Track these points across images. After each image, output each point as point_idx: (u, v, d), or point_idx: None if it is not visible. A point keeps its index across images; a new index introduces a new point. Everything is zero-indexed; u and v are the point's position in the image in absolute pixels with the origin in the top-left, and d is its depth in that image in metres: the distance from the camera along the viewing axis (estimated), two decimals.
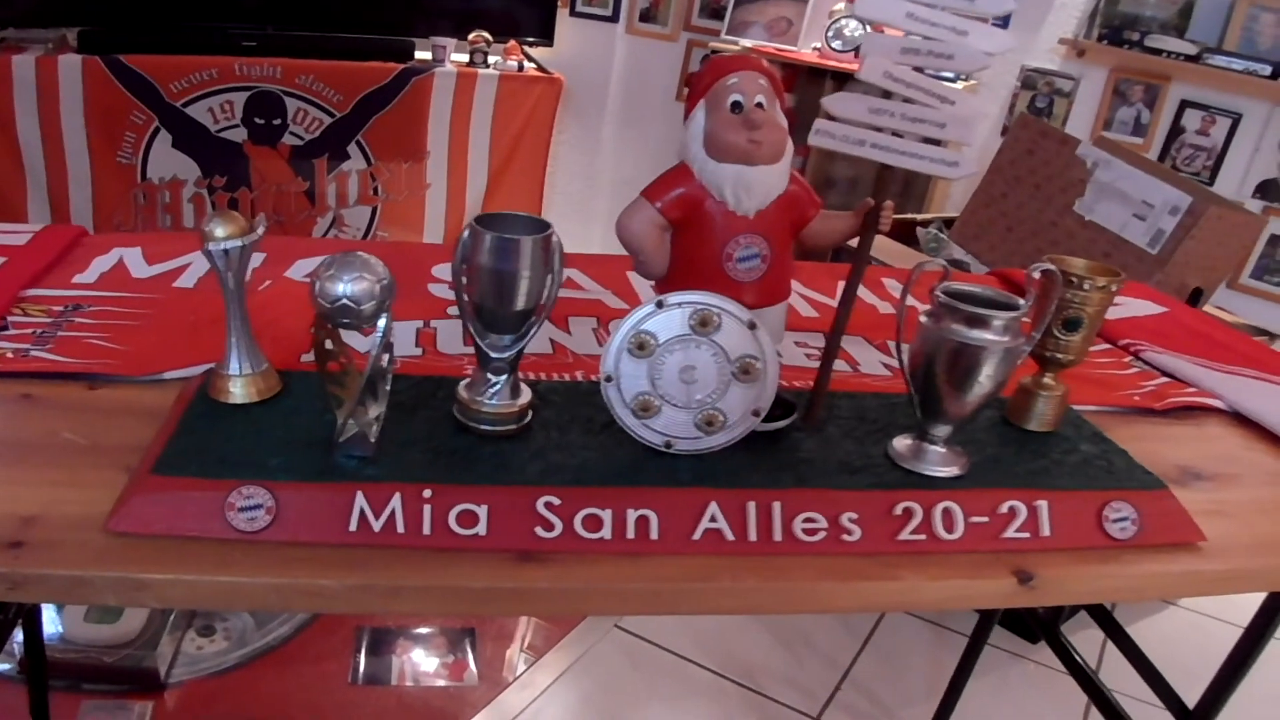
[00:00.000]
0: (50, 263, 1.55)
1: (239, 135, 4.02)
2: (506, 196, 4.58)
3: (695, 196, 1.12)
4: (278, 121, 4.07)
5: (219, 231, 1.05)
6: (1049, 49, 4.09)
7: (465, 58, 4.33)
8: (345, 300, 0.97)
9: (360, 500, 1.00)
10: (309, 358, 1.33)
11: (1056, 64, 4.11)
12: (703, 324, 1.08)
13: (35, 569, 0.93)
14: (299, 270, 1.64)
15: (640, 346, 1.09)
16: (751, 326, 1.10)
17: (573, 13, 4.75)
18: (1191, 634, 3.01)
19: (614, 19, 4.76)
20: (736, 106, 1.10)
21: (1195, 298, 2.76)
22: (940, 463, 1.18)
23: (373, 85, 4.13)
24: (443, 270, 1.71)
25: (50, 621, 2.41)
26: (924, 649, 2.87)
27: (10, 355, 1.26)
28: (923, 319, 1.16)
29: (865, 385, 1.44)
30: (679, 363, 1.10)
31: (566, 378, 1.35)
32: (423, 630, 2.71)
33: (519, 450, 1.11)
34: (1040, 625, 2.17)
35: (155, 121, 3.87)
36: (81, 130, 3.76)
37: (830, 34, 4.21)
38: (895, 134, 1.14)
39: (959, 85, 3.58)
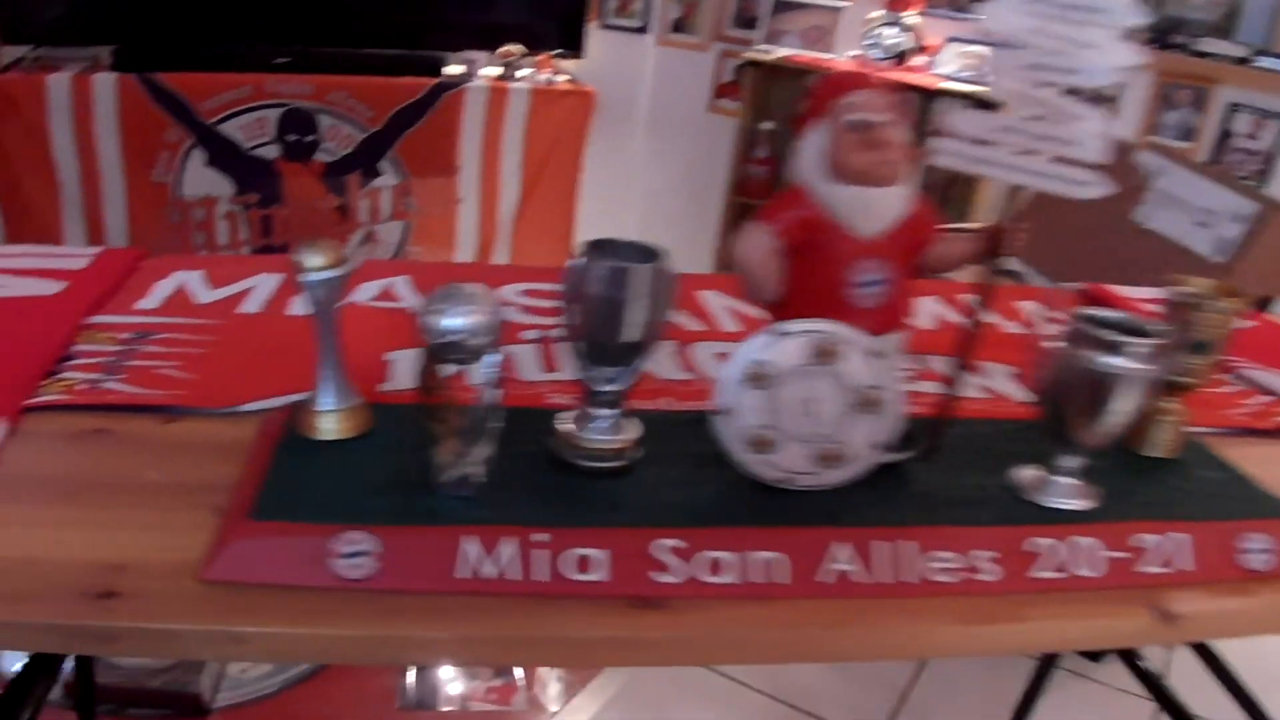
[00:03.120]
0: (111, 288, 1.50)
1: (272, 152, 3.95)
2: (539, 211, 4.50)
3: (813, 219, 1.06)
4: (310, 138, 4.00)
5: (313, 262, 0.99)
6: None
7: (497, 71, 4.27)
8: (453, 336, 0.91)
9: (469, 544, 0.94)
10: (388, 387, 1.27)
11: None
12: (824, 354, 1.02)
13: (130, 622, 0.88)
14: (364, 293, 1.58)
15: (758, 379, 1.02)
16: (875, 356, 1.03)
17: (603, 25, 4.69)
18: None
19: (644, 30, 4.69)
20: (857, 125, 1.04)
21: (1263, 306, 2.68)
22: (1070, 495, 1.12)
23: (404, 100, 4.06)
24: (509, 292, 1.65)
25: None
26: (982, 671, 2.79)
27: (82, 387, 1.20)
28: (1054, 343, 1.10)
29: (973, 409, 1.37)
30: (798, 395, 1.03)
31: (652, 406, 1.29)
32: None
33: (630, 488, 1.05)
34: None
35: (189, 139, 3.80)
36: (116, 149, 3.70)
37: (867, 42, 4.14)
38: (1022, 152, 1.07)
39: None
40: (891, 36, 4.10)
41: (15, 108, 3.50)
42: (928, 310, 1.75)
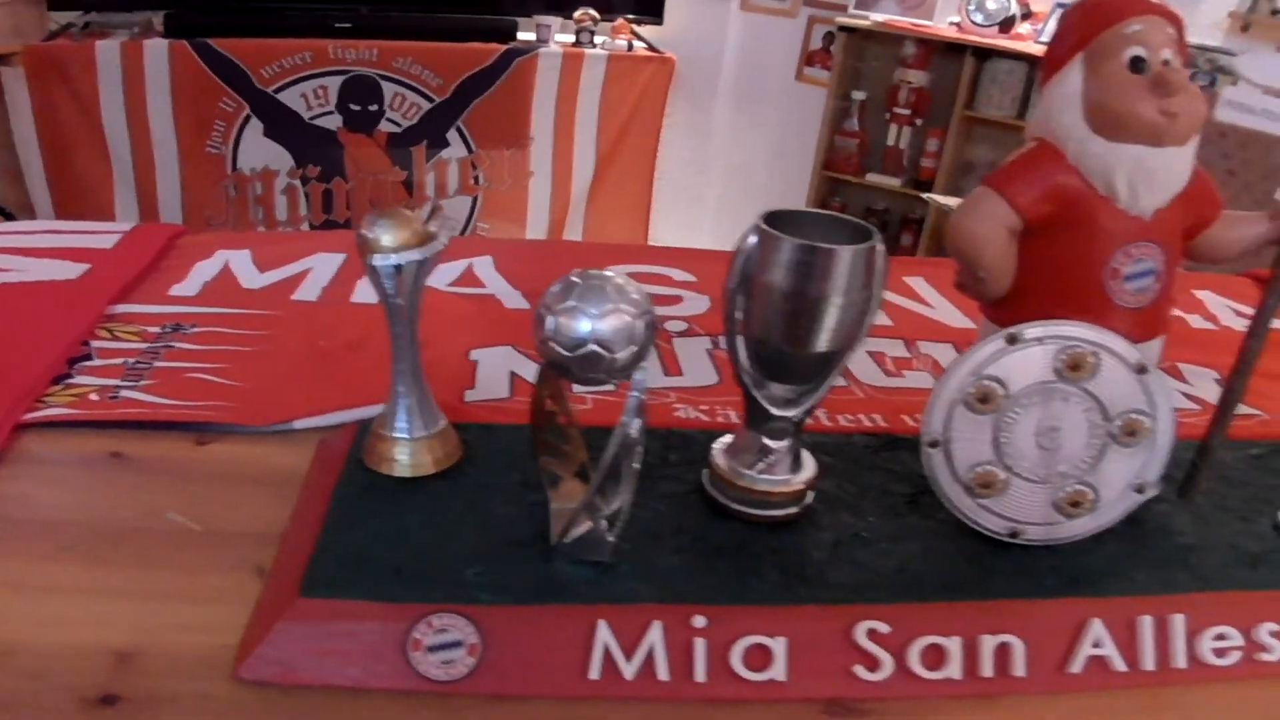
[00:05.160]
0: (143, 270, 1.25)
1: (333, 122, 3.75)
2: (615, 186, 4.26)
3: (1070, 188, 0.80)
4: (374, 107, 3.79)
5: (387, 239, 0.73)
6: (1212, 23, 3.69)
7: (571, 38, 4.02)
8: (595, 346, 0.64)
9: (604, 632, 0.68)
10: (475, 397, 1.01)
11: (1219, 39, 3.70)
12: (1074, 367, 0.75)
13: None
14: (442, 277, 1.33)
15: (984, 399, 0.76)
16: (1141, 371, 0.76)
17: None
18: None
19: None
20: (1138, 64, 0.77)
21: None
22: None
23: (473, 68, 3.83)
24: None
25: None
26: None
27: (95, 397, 0.96)
28: None
29: (1196, 431, 1.09)
30: (1037, 421, 0.77)
31: (819, 424, 1.02)
32: None
33: (810, 546, 0.79)
34: None
35: (246, 109, 3.61)
36: (169, 119, 3.51)
37: (971, 6, 3.83)
38: None
39: None
40: (996, 1, 3.78)
41: (64, 76, 3.32)
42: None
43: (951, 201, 3.53)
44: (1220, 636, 0.77)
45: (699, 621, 0.70)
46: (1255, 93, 0.81)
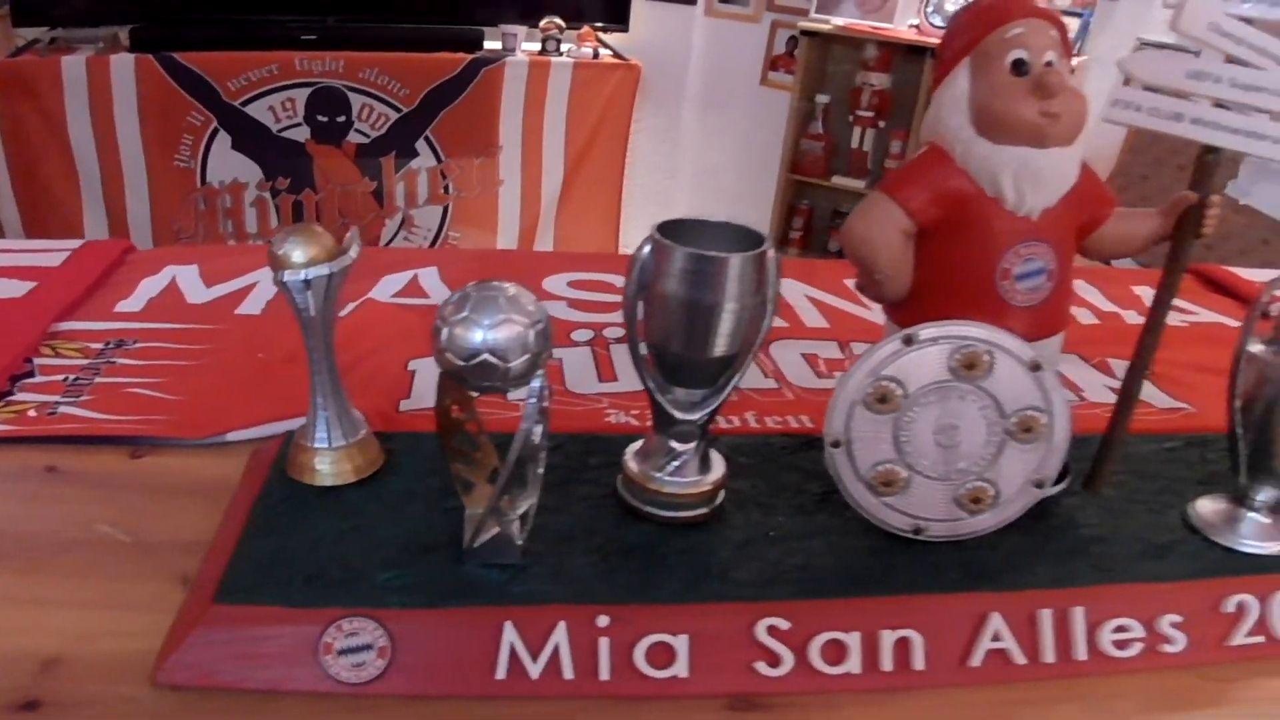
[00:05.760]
0: (90, 286, 1.27)
1: (301, 134, 3.75)
2: (585, 191, 4.28)
3: (959, 191, 0.81)
4: (341, 119, 3.80)
5: (297, 255, 0.75)
6: (1165, 20, 3.73)
7: (537, 46, 4.03)
8: (488, 355, 0.66)
9: (510, 633, 0.71)
10: (410, 406, 1.04)
11: (1174, 37, 3.74)
12: (969, 366, 0.78)
13: None
14: (387, 289, 1.35)
15: (882, 399, 0.78)
16: (1035, 368, 0.79)
17: None
18: None
19: (692, 1, 4.43)
20: (1020, 66, 0.79)
21: None
22: (1267, 536, 0.88)
23: (440, 77, 3.85)
24: (555, 284, 1.41)
25: None
26: None
27: (33, 414, 0.98)
28: (1257, 349, 0.85)
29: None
30: (935, 420, 0.79)
31: (735, 420, 1.05)
32: None
33: (718, 545, 0.81)
34: None
35: (214, 122, 3.61)
36: (136, 133, 3.51)
37: (930, 8, 3.87)
38: (1220, 104, 0.81)
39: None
40: (954, 3, 3.82)
41: (30, 92, 3.32)
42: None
43: None
44: (1121, 628, 0.80)
45: (603, 621, 0.72)
46: (1144, 92, 0.83)
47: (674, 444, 0.81)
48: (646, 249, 0.75)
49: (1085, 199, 0.85)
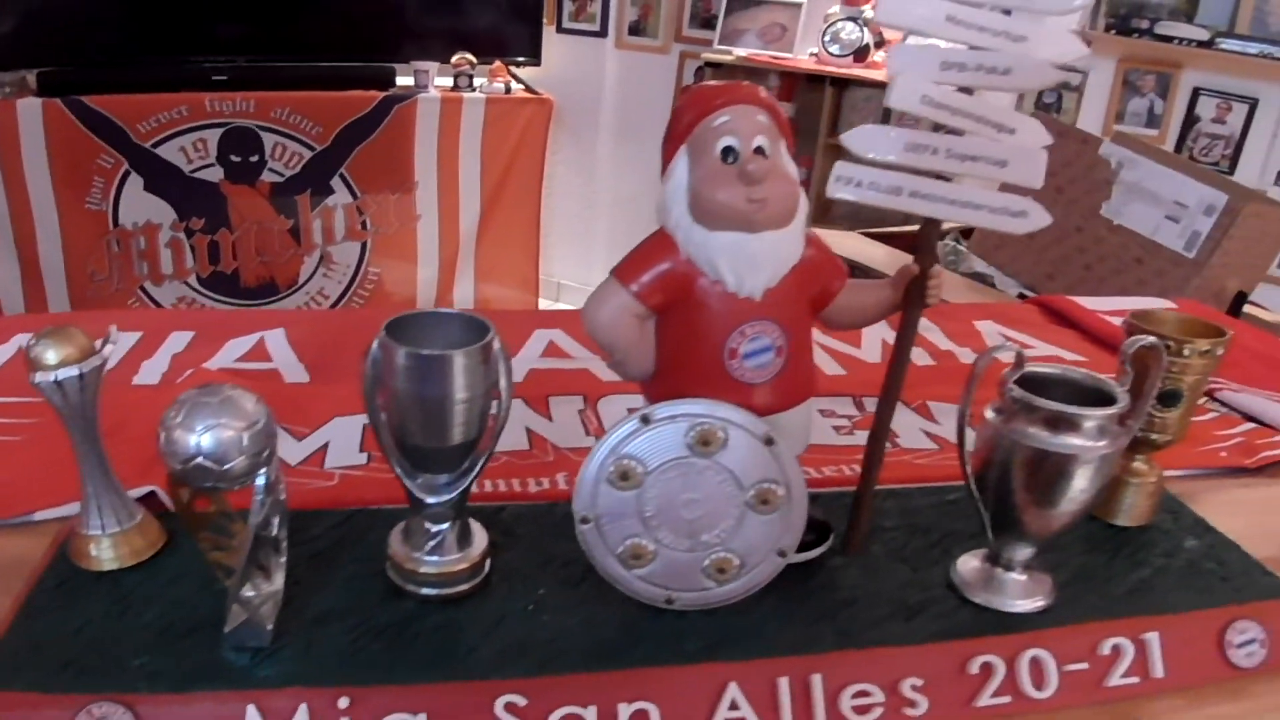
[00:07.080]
0: None
1: (215, 174, 3.78)
2: (503, 223, 4.34)
3: (682, 275, 0.85)
4: (255, 158, 3.83)
5: (49, 356, 0.79)
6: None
7: (449, 82, 4.08)
8: (202, 459, 0.70)
9: (253, 716, 0.74)
10: None
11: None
12: (704, 443, 0.82)
13: None
14: (229, 354, 1.38)
15: (624, 476, 0.82)
16: (768, 443, 0.83)
17: (559, 29, 4.49)
18: None
19: (603, 34, 4.49)
20: (729, 154, 0.83)
21: (1239, 302, 2.48)
22: (1020, 594, 0.92)
23: (353, 115, 3.89)
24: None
25: None
26: None
27: None
28: (990, 415, 0.90)
29: (912, 472, 1.17)
30: (677, 494, 0.83)
31: (545, 484, 1.09)
32: None
33: (471, 622, 0.84)
34: None
35: (125, 164, 3.63)
36: (46, 177, 3.52)
37: (827, 38, 3.95)
38: (941, 177, 0.86)
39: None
40: (851, 32, 3.90)
41: None
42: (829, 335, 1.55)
43: (822, 232, 3.62)
44: (862, 693, 0.83)
45: (343, 702, 0.75)
46: (864, 167, 0.86)
47: (429, 525, 0.85)
48: (375, 347, 0.79)
49: (813, 274, 0.89)
